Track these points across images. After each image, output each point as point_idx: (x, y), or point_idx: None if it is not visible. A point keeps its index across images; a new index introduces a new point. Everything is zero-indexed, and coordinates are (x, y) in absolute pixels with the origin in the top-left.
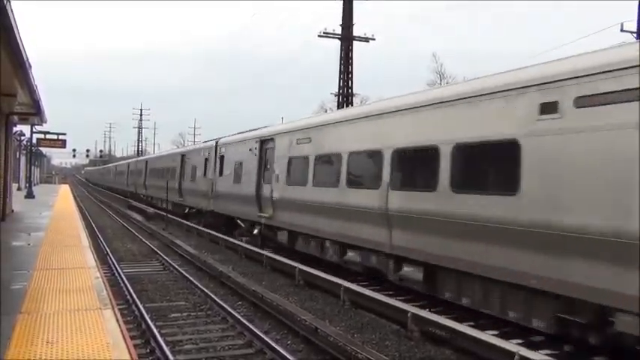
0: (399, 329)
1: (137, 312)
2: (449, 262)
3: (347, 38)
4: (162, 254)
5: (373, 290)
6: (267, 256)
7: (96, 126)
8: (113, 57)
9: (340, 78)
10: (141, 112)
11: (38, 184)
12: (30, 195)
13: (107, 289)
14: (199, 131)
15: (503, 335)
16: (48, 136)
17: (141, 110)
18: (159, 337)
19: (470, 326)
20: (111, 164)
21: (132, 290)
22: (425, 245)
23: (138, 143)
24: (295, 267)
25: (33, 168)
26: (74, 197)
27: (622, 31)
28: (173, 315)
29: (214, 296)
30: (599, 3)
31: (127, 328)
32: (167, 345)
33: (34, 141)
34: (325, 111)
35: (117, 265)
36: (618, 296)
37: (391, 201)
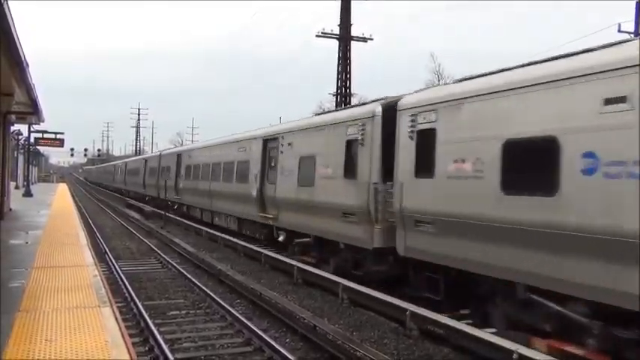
0: (398, 327)
1: (136, 310)
2: None
3: (345, 38)
4: (160, 252)
5: (372, 288)
6: (265, 255)
7: (94, 125)
8: (112, 57)
9: (338, 78)
10: (139, 112)
11: (36, 183)
12: (28, 194)
13: (106, 287)
14: (197, 131)
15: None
16: (46, 136)
17: (139, 110)
18: (157, 335)
19: (468, 324)
20: (119, 161)
21: (130, 288)
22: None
23: (136, 142)
24: (294, 265)
25: (31, 167)
26: (72, 196)
27: (619, 32)
28: (172, 313)
29: (213, 294)
30: (599, 3)
31: (126, 326)
32: (166, 343)
33: (32, 140)
34: (324, 110)
35: (115, 263)
36: None
37: None
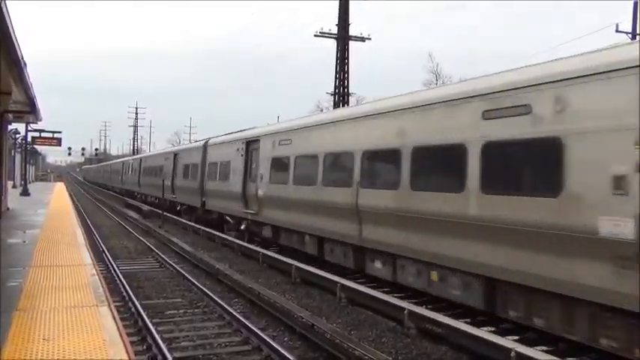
0: (396, 326)
1: (134, 309)
2: None
3: (343, 38)
4: (158, 252)
5: (370, 287)
6: (263, 254)
7: (91, 125)
8: (112, 56)
9: (336, 77)
10: (136, 111)
11: (33, 182)
12: (25, 193)
13: (103, 286)
14: (195, 130)
15: (499, 332)
16: (43, 135)
17: (136, 109)
18: (155, 334)
19: (466, 323)
20: (129, 157)
21: (128, 287)
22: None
23: (133, 142)
24: (292, 264)
25: (28, 166)
26: (70, 195)
27: (617, 32)
28: (170, 312)
29: (211, 293)
30: (600, 3)
31: (124, 325)
32: (164, 342)
33: (29, 139)
34: (321, 110)
35: (113, 263)
36: None
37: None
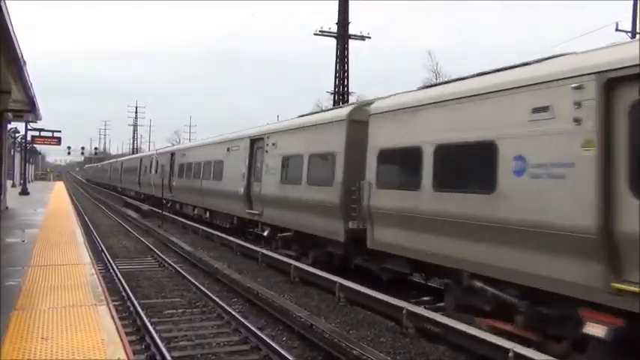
0: (394, 326)
1: (132, 308)
2: None
3: (343, 37)
4: (157, 251)
5: (368, 287)
6: (262, 253)
7: (91, 124)
8: (111, 56)
9: (336, 76)
10: (136, 110)
11: (33, 182)
12: (24, 192)
13: (102, 286)
14: (194, 129)
15: (497, 332)
16: (42, 134)
17: (136, 108)
18: (154, 334)
19: (465, 323)
20: (143, 153)
21: (127, 287)
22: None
23: (133, 141)
24: (290, 264)
25: (27, 165)
26: (69, 195)
27: (617, 31)
28: (168, 311)
29: (210, 293)
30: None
31: (122, 325)
32: (162, 341)
33: (29, 138)
34: (321, 109)
35: (112, 262)
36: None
37: None
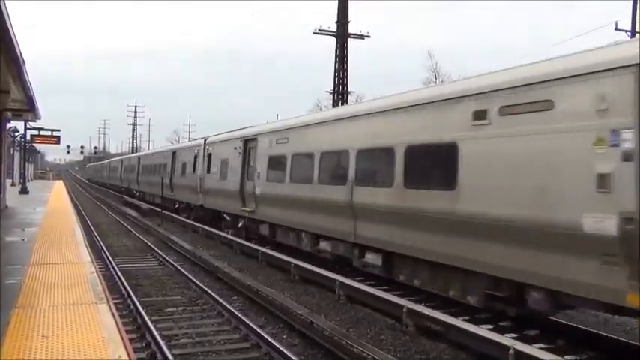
0: (395, 323)
1: (133, 306)
2: None
3: (342, 36)
4: (157, 250)
5: (368, 285)
6: (262, 252)
7: (90, 123)
8: (111, 56)
9: (335, 75)
10: (135, 109)
11: (32, 181)
12: (24, 191)
13: (102, 284)
14: (194, 128)
15: (498, 329)
16: (42, 133)
17: (135, 107)
18: (154, 331)
19: (465, 321)
20: (178, 145)
21: (127, 285)
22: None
23: (132, 140)
24: (290, 262)
25: (27, 164)
26: (69, 194)
27: (616, 30)
28: (169, 309)
29: (210, 291)
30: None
31: (123, 323)
32: (163, 339)
33: (28, 137)
34: (320, 109)
35: (112, 261)
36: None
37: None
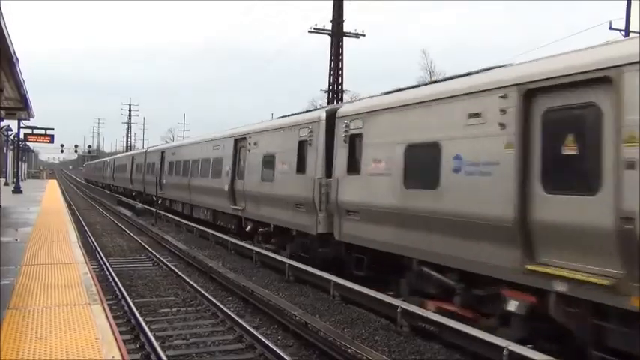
0: (389, 324)
1: (126, 307)
2: None
3: (337, 34)
4: (151, 250)
5: (363, 286)
6: (257, 252)
7: (84, 122)
8: (107, 54)
9: (330, 74)
10: (130, 108)
11: (26, 180)
12: (17, 190)
13: (96, 285)
14: (188, 127)
15: (492, 330)
16: (35, 132)
17: (130, 106)
18: (148, 332)
19: (459, 321)
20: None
21: (121, 285)
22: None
23: (127, 139)
24: (285, 262)
25: (20, 163)
26: (62, 193)
27: (610, 29)
28: (163, 310)
29: (204, 291)
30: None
31: (117, 323)
32: (157, 340)
33: (22, 136)
34: (315, 107)
35: (106, 261)
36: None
37: None
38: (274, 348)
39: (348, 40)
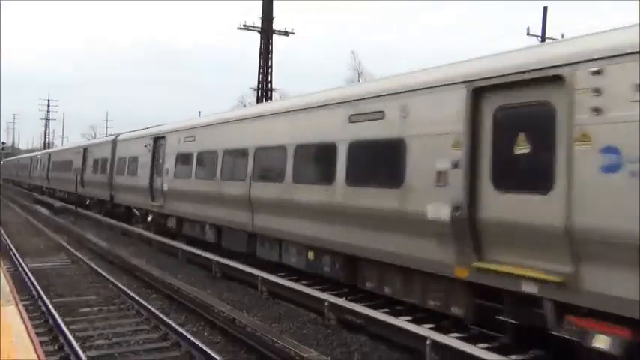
0: (317, 317)
1: (44, 307)
2: None
3: (266, 32)
4: (71, 248)
5: (291, 280)
6: (183, 250)
7: None
8: (27, 47)
9: (259, 72)
10: (48, 103)
11: None
12: None
13: (10, 285)
14: (111, 124)
15: (416, 320)
16: None
17: (48, 101)
18: (68, 333)
19: (385, 313)
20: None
21: (38, 285)
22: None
23: (45, 135)
24: (212, 259)
25: None
26: None
27: (528, 35)
28: (83, 310)
29: (127, 289)
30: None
31: (33, 325)
32: (77, 341)
33: None
34: (244, 105)
35: (21, 260)
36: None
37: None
38: (200, 345)
39: (282, 39)
